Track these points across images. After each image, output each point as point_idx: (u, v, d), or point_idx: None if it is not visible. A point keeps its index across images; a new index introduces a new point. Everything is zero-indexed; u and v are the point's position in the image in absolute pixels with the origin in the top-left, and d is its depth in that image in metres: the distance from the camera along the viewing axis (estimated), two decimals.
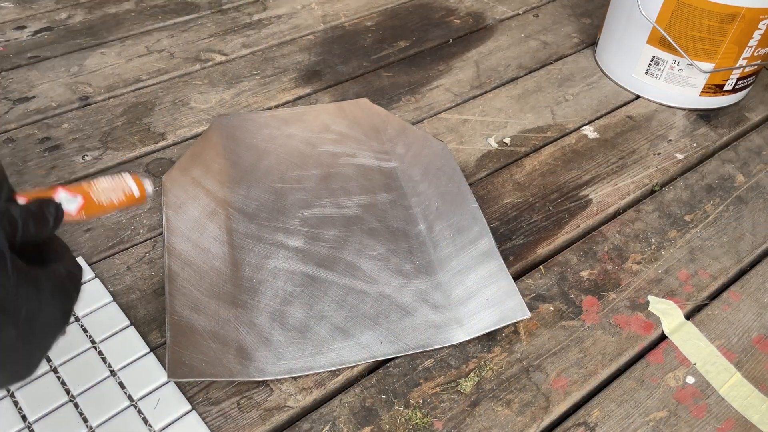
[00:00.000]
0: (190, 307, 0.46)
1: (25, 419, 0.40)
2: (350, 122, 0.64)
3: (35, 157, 0.60)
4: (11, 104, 0.65)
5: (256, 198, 0.56)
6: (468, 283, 0.50)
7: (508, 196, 0.59)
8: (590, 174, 0.62)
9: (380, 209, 0.55)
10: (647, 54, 0.68)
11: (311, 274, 0.50)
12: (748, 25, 0.61)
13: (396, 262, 0.51)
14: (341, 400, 0.43)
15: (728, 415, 0.44)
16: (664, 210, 0.58)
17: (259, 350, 0.45)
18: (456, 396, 0.44)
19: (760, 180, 0.62)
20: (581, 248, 0.55)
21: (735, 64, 0.65)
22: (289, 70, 0.72)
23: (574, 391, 0.45)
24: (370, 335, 0.46)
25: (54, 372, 0.43)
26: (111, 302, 0.47)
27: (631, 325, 0.49)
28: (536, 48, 0.78)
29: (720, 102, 0.69)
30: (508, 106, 0.69)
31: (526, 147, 0.64)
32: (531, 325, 0.48)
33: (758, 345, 0.48)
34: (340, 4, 0.84)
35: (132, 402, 0.42)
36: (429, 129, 0.66)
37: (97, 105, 0.66)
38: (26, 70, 0.70)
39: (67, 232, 0.53)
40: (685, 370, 0.46)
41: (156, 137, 0.63)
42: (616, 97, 0.71)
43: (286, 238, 0.52)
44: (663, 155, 0.64)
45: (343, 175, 0.58)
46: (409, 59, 0.75)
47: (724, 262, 0.54)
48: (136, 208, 0.55)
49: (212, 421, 0.42)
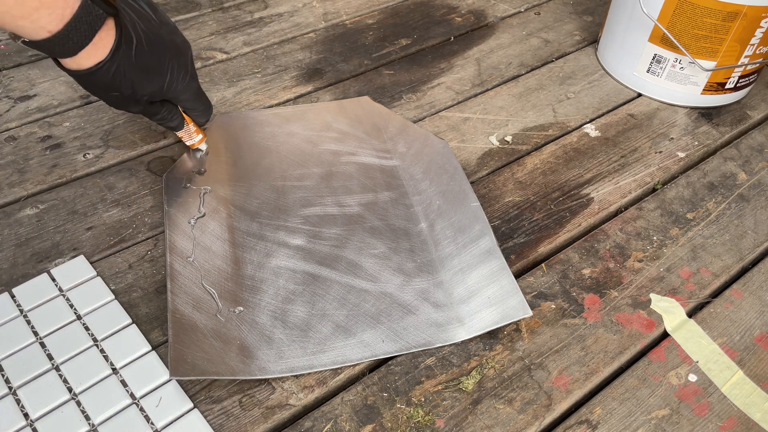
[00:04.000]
0: (192, 305, 0.46)
1: (27, 417, 0.40)
2: (351, 120, 0.64)
3: (37, 155, 0.60)
4: (13, 102, 0.65)
5: (257, 196, 0.56)
6: (469, 282, 0.50)
7: (509, 194, 0.59)
8: (592, 172, 0.62)
9: (381, 208, 0.55)
10: (649, 52, 0.68)
11: (313, 273, 0.50)
12: (750, 23, 0.61)
13: (397, 261, 0.51)
14: (343, 398, 0.44)
15: (730, 414, 0.44)
16: (666, 208, 0.58)
17: (261, 348, 0.45)
18: (458, 394, 0.44)
19: (762, 178, 0.62)
20: (583, 246, 0.54)
21: (737, 62, 0.65)
22: (290, 68, 0.72)
23: (576, 389, 0.45)
24: (372, 334, 0.46)
25: (56, 370, 0.43)
26: (113, 300, 0.47)
27: (633, 323, 0.49)
28: (538, 46, 0.78)
29: (722, 100, 0.69)
30: (509, 104, 0.69)
31: (527, 145, 0.64)
32: (533, 324, 0.48)
33: (760, 343, 0.48)
34: (341, 2, 0.84)
35: (134, 400, 0.42)
36: (430, 127, 0.65)
37: (98, 103, 0.66)
38: (27, 68, 0.70)
39: (68, 231, 0.53)
40: (687, 368, 0.46)
41: (157, 136, 0.63)
42: (618, 95, 0.71)
43: (287, 236, 0.52)
44: (665, 153, 0.64)
45: (345, 174, 0.58)
46: (410, 57, 0.75)
47: (726, 260, 0.54)
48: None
49: (214, 420, 0.42)
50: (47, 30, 0.40)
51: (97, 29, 0.42)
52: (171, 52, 0.49)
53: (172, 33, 0.50)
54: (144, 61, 0.47)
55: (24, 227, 0.53)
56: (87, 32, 0.42)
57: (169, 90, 0.51)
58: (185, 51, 0.51)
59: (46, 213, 0.54)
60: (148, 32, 0.47)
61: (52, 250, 0.51)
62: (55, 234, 0.53)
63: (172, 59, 0.49)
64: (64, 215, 0.54)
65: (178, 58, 0.50)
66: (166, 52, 0.49)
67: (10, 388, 0.42)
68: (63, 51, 0.42)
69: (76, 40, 0.42)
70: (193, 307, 0.46)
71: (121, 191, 0.57)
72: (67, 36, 0.41)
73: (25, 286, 0.47)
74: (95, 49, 0.43)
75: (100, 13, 0.42)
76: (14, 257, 0.51)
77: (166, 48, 0.49)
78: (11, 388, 0.42)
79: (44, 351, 0.44)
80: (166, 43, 0.49)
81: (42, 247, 0.51)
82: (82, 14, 0.41)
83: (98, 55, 0.44)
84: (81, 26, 0.41)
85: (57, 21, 0.40)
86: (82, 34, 0.41)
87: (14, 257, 0.51)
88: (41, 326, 0.45)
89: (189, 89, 0.53)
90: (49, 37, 0.41)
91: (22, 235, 0.52)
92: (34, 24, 0.39)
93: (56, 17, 0.40)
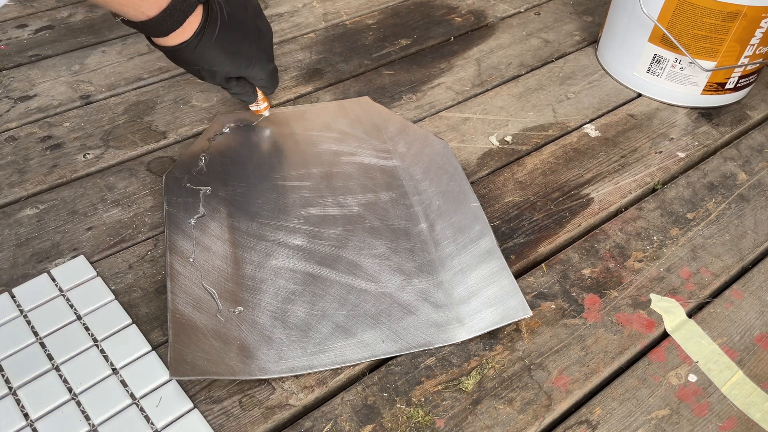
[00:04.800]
0: (192, 305, 0.46)
1: (27, 417, 0.40)
2: (351, 121, 0.64)
3: (37, 155, 0.60)
4: (13, 103, 0.65)
5: (257, 196, 0.56)
6: (469, 282, 0.50)
7: (509, 194, 0.59)
8: (592, 172, 0.62)
9: (381, 208, 0.55)
10: (649, 52, 0.68)
11: (313, 273, 0.50)
12: (750, 23, 0.61)
13: (397, 261, 0.51)
14: (343, 398, 0.44)
15: (730, 414, 0.44)
16: (666, 208, 0.58)
17: (261, 348, 0.45)
18: (458, 394, 0.44)
19: (762, 178, 0.62)
20: (583, 246, 0.54)
21: (737, 62, 0.65)
22: (290, 68, 0.72)
23: (576, 389, 0.45)
24: (372, 334, 0.46)
25: (56, 370, 0.43)
26: (113, 301, 0.47)
27: (632, 323, 0.49)
28: (538, 46, 0.78)
29: (722, 100, 0.69)
30: (509, 105, 0.69)
31: (527, 145, 0.64)
32: (533, 324, 0.48)
33: (760, 343, 0.48)
34: (341, 2, 0.84)
35: (134, 400, 0.42)
36: (430, 127, 0.66)
37: (98, 103, 0.66)
38: (27, 68, 0.70)
39: (68, 231, 0.53)
40: (687, 369, 0.46)
41: (157, 136, 0.63)
42: (618, 95, 0.71)
43: (287, 236, 0.52)
44: (665, 153, 0.64)
45: (345, 174, 0.58)
46: (410, 57, 0.75)
47: (726, 260, 0.54)
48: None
49: (214, 420, 0.42)
50: (146, 15, 0.45)
51: (188, 15, 0.46)
52: (252, 35, 0.52)
53: (256, 17, 0.53)
54: (225, 43, 0.50)
55: (24, 227, 0.53)
56: (179, 18, 0.46)
57: (246, 70, 0.54)
58: (266, 34, 0.54)
59: (46, 213, 0.54)
60: (233, 16, 0.49)
61: (52, 250, 0.51)
62: (55, 234, 0.53)
63: (252, 43, 0.52)
64: (64, 215, 0.54)
65: (258, 41, 0.53)
66: (246, 36, 0.51)
67: (10, 388, 0.42)
68: (156, 32, 0.47)
69: (170, 24, 0.46)
70: (193, 307, 0.46)
71: (121, 191, 0.57)
72: (163, 20, 0.45)
73: (25, 286, 0.47)
74: (182, 30, 0.47)
75: (193, 1, 0.46)
76: (14, 257, 0.51)
77: (247, 32, 0.51)
78: (11, 388, 0.42)
79: (44, 351, 0.44)
80: (249, 28, 0.51)
81: (42, 247, 0.51)
82: (177, 2, 0.45)
83: (183, 35, 0.48)
84: (175, 12, 0.45)
85: (155, 7, 0.45)
86: (175, 20, 0.46)
87: (14, 257, 0.51)
88: (41, 326, 0.45)
89: (265, 70, 0.56)
90: (146, 20, 0.45)
91: (22, 235, 0.52)
92: (136, 10, 0.44)
93: (156, 4, 0.44)
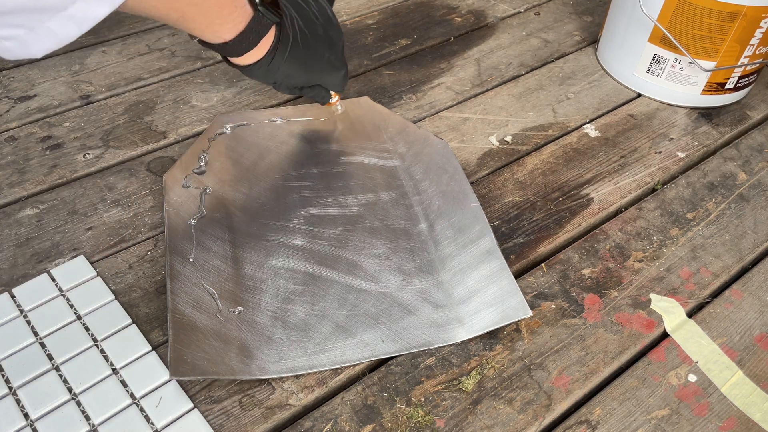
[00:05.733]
0: (192, 305, 0.46)
1: (27, 417, 0.40)
2: (351, 121, 0.64)
3: (37, 155, 0.60)
4: (12, 103, 0.65)
5: (257, 196, 0.56)
6: (469, 282, 0.50)
7: (509, 194, 0.59)
8: (592, 172, 0.62)
9: (381, 208, 0.55)
10: (649, 52, 0.68)
11: (313, 273, 0.50)
12: (749, 23, 0.61)
13: (397, 261, 0.51)
14: (343, 398, 0.44)
15: (730, 414, 0.44)
16: (666, 208, 0.58)
17: (261, 348, 0.45)
18: (458, 394, 0.44)
19: (762, 178, 0.62)
20: (583, 246, 0.54)
21: (737, 62, 0.65)
22: None
23: (576, 389, 0.45)
24: (372, 334, 0.46)
25: (56, 370, 0.43)
26: (113, 301, 0.47)
27: (632, 323, 0.49)
28: (537, 46, 0.78)
29: (721, 100, 0.69)
30: (509, 105, 0.69)
31: (527, 145, 0.64)
32: (533, 324, 0.48)
33: (760, 343, 0.48)
34: (341, 2, 0.84)
35: (134, 400, 0.42)
36: (430, 127, 0.66)
37: (98, 103, 0.66)
38: (27, 68, 0.70)
39: (68, 231, 0.53)
40: (686, 369, 0.46)
41: (157, 136, 0.63)
42: (618, 95, 0.71)
43: (287, 236, 0.52)
44: (664, 153, 0.64)
45: (345, 174, 0.58)
46: (410, 57, 0.75)
47: (726, 260, 0.54)
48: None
49: (214, 420, 0.42)
50: (223, 39, 0.46)
51: (263, 36, 0.47)
52: (323, 46, 0.52)
53: (327, 25, 0.53)
54: (297, 58, 0.51)
55: (24, 227, 0.53)
56: (254, 40, 0.47)
57: (319, 79, 0.56)
58: (337, 42, 0.55)
59: (46, 213, 0.54)
60: (305, 30, 0.50)
61: (52, 250, 0.51)
62: (55, 234, 0.53)
63: (323, 54, 0.53)
64: (64, 215, 0.54)
65: (330, 51, 0.53)
66: (318, 49, 0.52)
67: (10, 388, 0.42)
68: (232, 53, 0.48)
69: (245, 46, 0.47)
70: (193, 307, 0.46)
71: (121, 191, 0.57)
72: (239, 42, 0.46)
73: (25, 286, 0.47)
74: (256, 50, 0.48)
75: (268, 22, 0.47)
76: (14, 257, 0.51)
77: (318, 45, 0.52)
78: (11, 388, 0.42)
79: (44, 351, 0.44)
80: (320, 39, 0.52)
81: (42, 247, 0.51)
82: (253, 25, 0.46)
83: (257, 55, 0.48)
84: (250, 35, 0.46)
85: (233, 32, 0.45)
86: (250, 42, 0.47)
87: (14, 257, 0.51)
88: (41, 326, 0.45)
89: (337, 77, 0.57)
90: (222, 43, 0.46)
91: (22, 235, 0.52)
92: (215, 34, 0.45)
93: (233, 29, 0.45)
